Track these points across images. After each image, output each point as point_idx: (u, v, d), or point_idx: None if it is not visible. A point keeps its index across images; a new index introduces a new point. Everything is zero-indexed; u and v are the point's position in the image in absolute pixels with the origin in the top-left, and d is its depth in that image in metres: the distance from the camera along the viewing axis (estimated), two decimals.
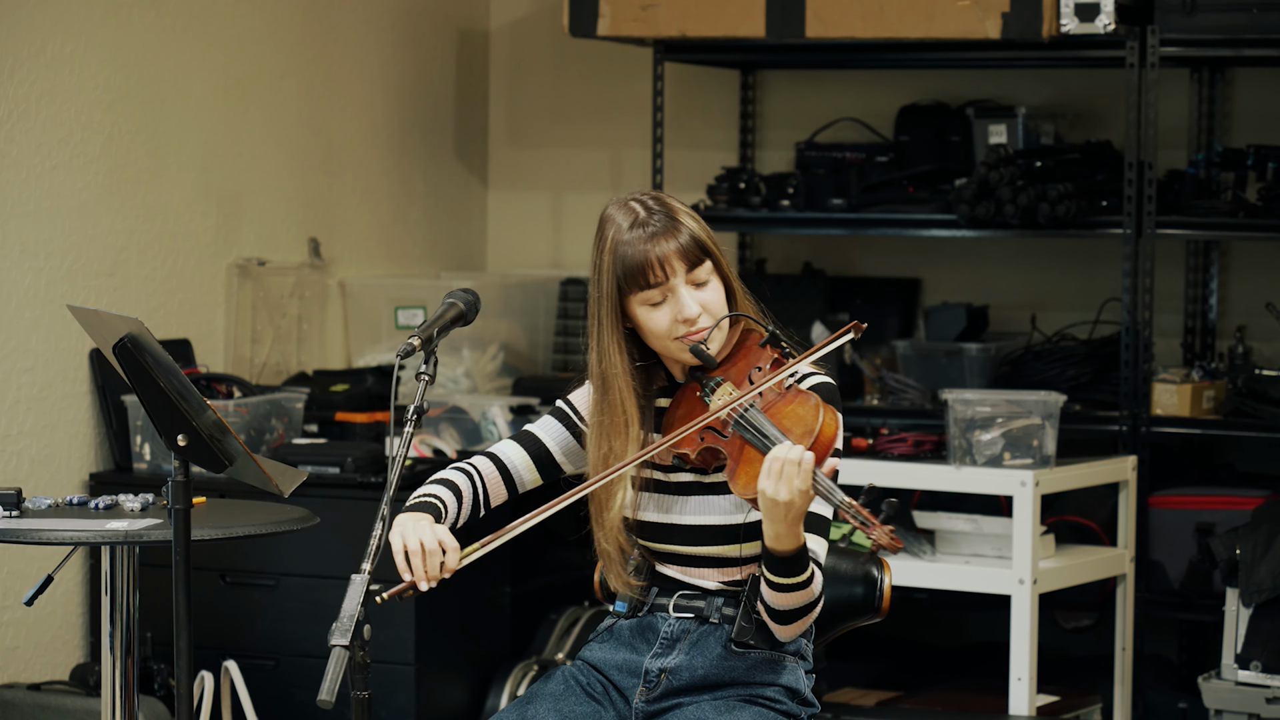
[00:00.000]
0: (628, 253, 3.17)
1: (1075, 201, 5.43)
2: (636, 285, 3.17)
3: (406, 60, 6.40)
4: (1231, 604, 5.04)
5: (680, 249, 3.17)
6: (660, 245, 3.16)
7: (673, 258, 3.16)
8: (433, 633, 5.14)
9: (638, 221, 3.18)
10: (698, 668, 3.20)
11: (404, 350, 3.09)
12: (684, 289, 3.17)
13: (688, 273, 3.17)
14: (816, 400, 3.09)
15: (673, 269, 3.16)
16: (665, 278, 3.16)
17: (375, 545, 2.96)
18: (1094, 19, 5.26)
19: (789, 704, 3.20)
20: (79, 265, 5.22)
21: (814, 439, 3.03)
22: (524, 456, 3.35)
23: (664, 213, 3.19)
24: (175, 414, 3.43)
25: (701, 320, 3.18)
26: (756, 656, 3.20)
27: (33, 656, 5.14)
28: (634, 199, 3.22)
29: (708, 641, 3.21)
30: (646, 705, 3.22)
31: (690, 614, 3.23)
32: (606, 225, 3.21)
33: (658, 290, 3.17)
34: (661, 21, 5.64)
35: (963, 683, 5.56)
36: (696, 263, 3.18)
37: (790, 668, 3.22)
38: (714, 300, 3.20)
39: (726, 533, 3.20)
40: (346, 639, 2.83)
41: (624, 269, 3.17)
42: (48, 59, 5.12)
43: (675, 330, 3.18)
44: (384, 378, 5.67)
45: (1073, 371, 5.59)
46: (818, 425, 3.04)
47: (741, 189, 5.91)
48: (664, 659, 3.22)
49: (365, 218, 6.26)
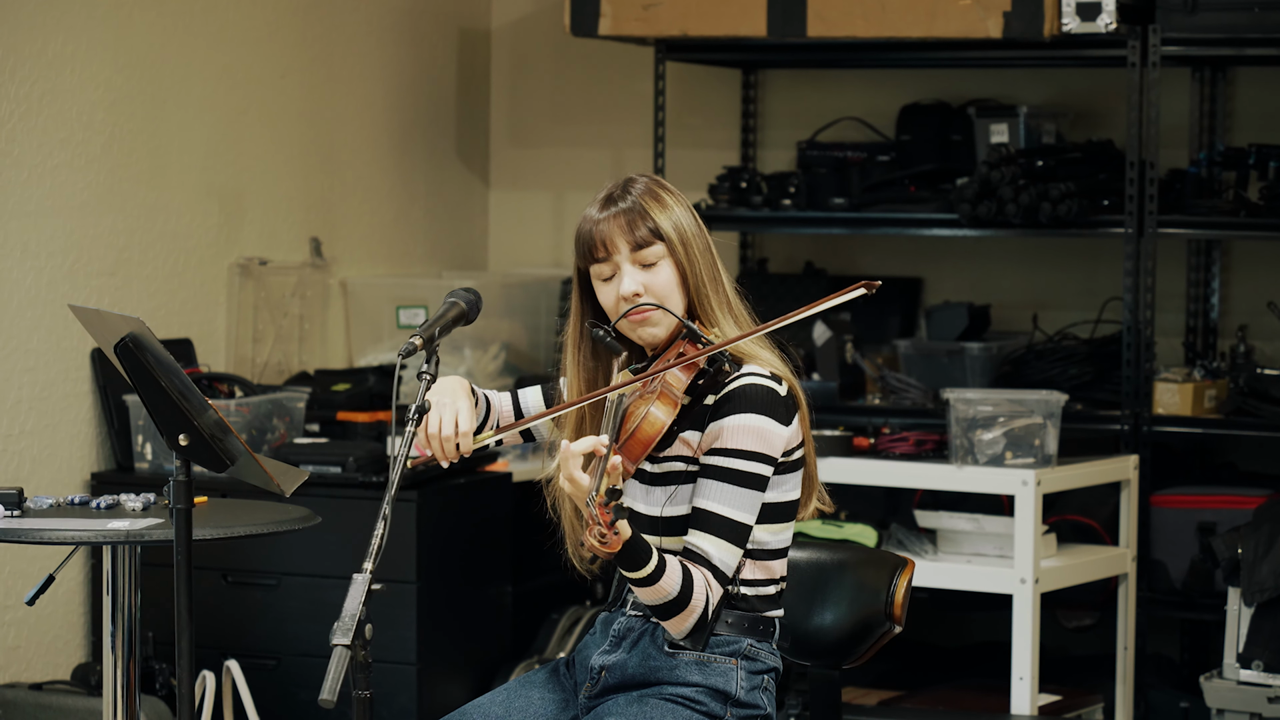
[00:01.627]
0: (583, 228, 3.26)
1: (1077, 201, 5.43)
2: (585, 259, 3.25)
3: (408, 60, 6.40)
4: (1233, 603, 5.04)
5: (627, 227, 3.21)
6: (611, 222, 3.22)
7: (617, 235, 3.21)
8: (434, 632, 5.14)
9: (607, 198, 3.25)
10: (630, 666, 3.22)
11: (406, 350, 3.09)
12: (627, 266, 3.21)
13: (632, 251, 3.21)
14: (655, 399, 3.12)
15: (615, 246, 3.21)
16: (608, 254, 3.22)
17: (377, 545, 2.96)
18: (1095, 18, 5.26)
19: (710, 704, 3.18)
20: (80, 265, 5.22)
21: (629, 435, 3.10)
22: (539, 401, 3.41)
23: (633, 194, 3.23)
24: (177, 413, 3.43)
25: (644, 300, 3.21)
26: (686, 657, 3.19)
27: (34, 656, 5.14)
28: (625, 178, 3.28)
29: (645, 641, 3.22)
30: (588, 700, 3.25)
31: (639, 612, 3.25)
32: None
33: (607, 265, 3.22)
34: (663, 21, 5.64)
35: (964, 682, 5.55)
36: (644, 244, 3.21)
37: (720, 669, 3.20)
38: (659, 284, 3.22)
39: (649, 523, 3.22)
40: (348, 638, 2.83)
41: (579, 242, 3.25)
42: (49, 59, 5.12)
43: (620, 307, 3.22)
44: (385, 377, 5.67)
45: (1074, 371, 5.59)
46: (636, 422, 3.10)
47: (743, 188, 5.91)
48: (607, 656, 3.25)
49: (367, 217, 6.26)
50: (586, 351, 3.29)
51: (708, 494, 3.14)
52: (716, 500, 3.13)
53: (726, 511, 3.13)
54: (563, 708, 3.25)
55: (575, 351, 3.30)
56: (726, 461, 3.14)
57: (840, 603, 3.48)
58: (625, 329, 3.24)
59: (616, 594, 3.30)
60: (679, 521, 3.20)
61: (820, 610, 3.49)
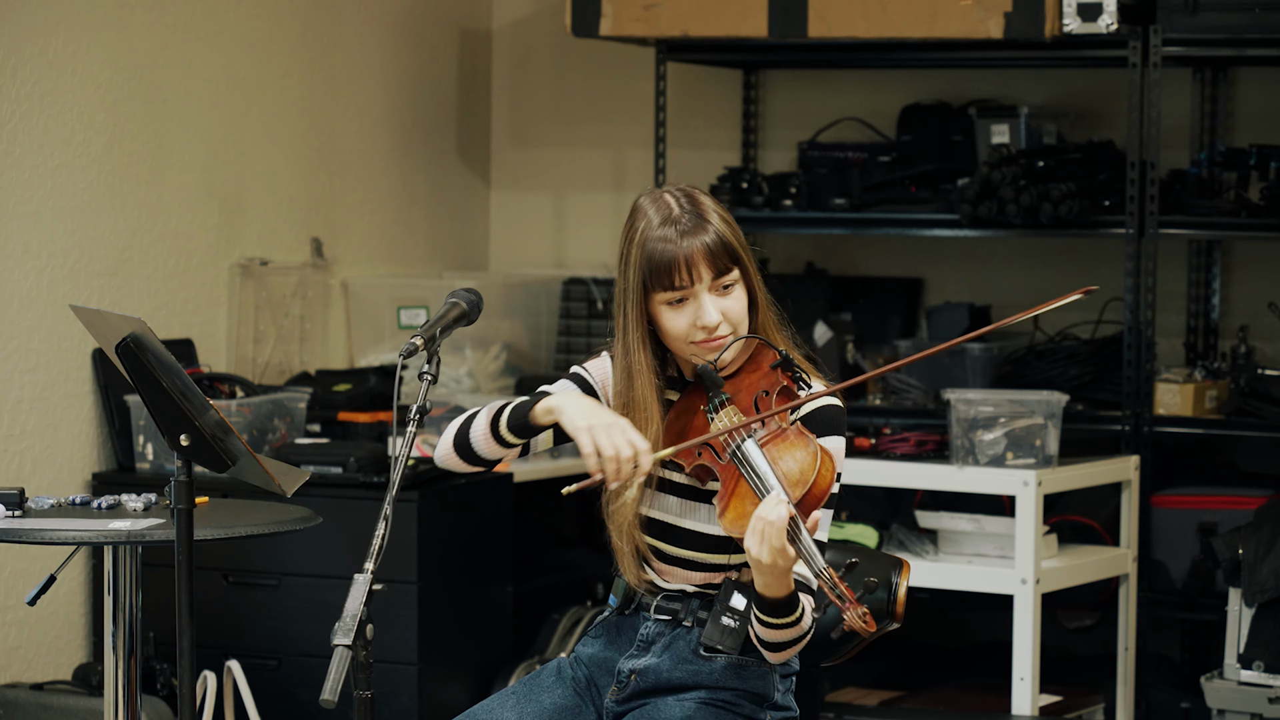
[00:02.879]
0: (656, 250, 3.11)
1: (1077, 201, 5.43)
2: (661, 285, 3.11)
3: (409, 60, 6.40)
4: (1234, 604, 5.04)
5: (709, 253, 3.10)
6: (690, 245, 3.10)
7: (700, 262, 3.10)
8: (435, 633, 5.14)
9: (669, 218, 3.12)
10: (664, 670, 3.19)
11: (407, 350, 3.08)
12: (706, 295, 3.12)
13: (714, 279, 3.12)
14: (817, 447, 3.02)
15: (699, 274, 3.11)
16: (690, 281, 3.11)
17: (378, 545, 2.96)
18: (1096, 19, 5.26)
19: (749, 707, 3.18)
20: (81, 265, 5.22)
21: (807, 490, 2.97)
22: None
23: (695, 212, 3.13)
24: (178, 414, 3.43)
25: (721, 329, 3.13)
26: (724, 661, 3.18)
27: (35, 656, 5.14)
28: (669, 192, 3.17)
29: (679, 645, 3.20)
30: (616, 705, 3.22)
31: (667, 616, 3.22)
32: (638, 217, 3.16)
33: (681, 291, 3.11)
34: (664, 21, 5.64)
35: (965, 682, 5.55)
36: (724, 270, 3.12)
37: (758, 672, 3.19)
38: (736, 310, 3.14)
39: (719, 542, 3.17)
40: (349, 639, 2.83)
41: (650, 266, 3.11)
42: (50, 59, 5.12)
43: (693, 335, 3.13)
44: (386, 377, 5.67)
45: (1075, 371, 5.59)
46: (813, 476, 2.98)
47: (744, 188, 5.91)
48: (637, 660, 3.22)
49: (367, 217, 6.26)
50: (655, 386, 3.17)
51: None
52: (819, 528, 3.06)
53: (823, 536, 3.10)
54: (576, 713, 3.23)
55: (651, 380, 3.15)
56: None
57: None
58: (689, 353, 3.16)
59: (628, 597, 3.28)
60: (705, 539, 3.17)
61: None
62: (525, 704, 3.22)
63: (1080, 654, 5.78)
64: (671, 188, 3.19)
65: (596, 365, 3.29)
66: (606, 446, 3.01)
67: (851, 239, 6.26)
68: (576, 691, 3.25)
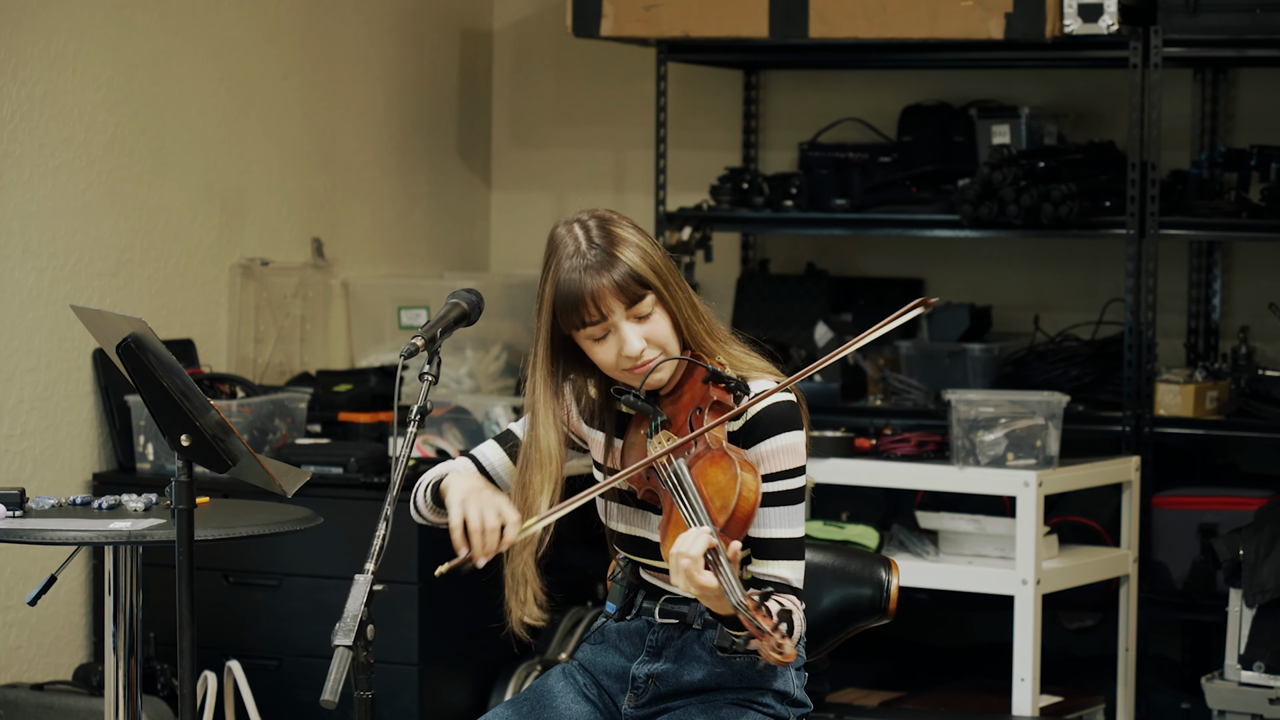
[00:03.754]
0: (564, 289, 3.06)
1: (1078, 202, 5.43)
2: (573, 324, 3.08)
3: (409, 60, 6.40)
4: (1235, 605, 5.04)
5: (616, 286, 3.04)
6: (595, 281, 3.04)
7: (608, 296, 3.04)
8: (436, 633, 5.15)
9: (577, 252, 3.06)
10: (684, 673, 3.18)
11: (408, 350, 3.08)
12: (625, 325, 3.07)
13: (627, 309, 3.07)
14: (737, 465, 2.98)
15: (608, 307, 3.06)
16: (602, 316, 3.06)
17: (379, 545, 2.96)
18: (1097, 19, 5.26)
19: (778, 707, 3.18)
20: (82, 265, 5.22)
21: (729, 515, 2.95)
22: (503, 457, 3.28)
23: (603, 245, 3.05)
24: (179, 414, 3.43)
25: (645, 354, 3.09)
26: (744, 661, 3.17)
27: (36, 656, 5.14)
28: (579, 222, 3.10)
29: (693, 647, 3.19)
30: (635, 711, 3.20)
31: (675, 619, 3.21)
32: (552, 251, 3.11)
33: (598, 327, 3.08)
34: (664, 22, 5.64)
35: (966, 683, 5.55)
36: (636, 299, 3.06)
37: (779, 670, 3.19)
38: (659, 332, 3.09)
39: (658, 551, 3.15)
40: (350, 639, 2.83)
41: (561, 305, 3.07)
42: (51, 59, 5.12)
43: (622, 364, 3.10)
44: (387, 378, 5.67)
45: (1076, 372, 5.59)
46: (734, 500, 2.95)
47: (745, 189, 5.91)
48: (651, 665, 3.20)
49: (368, 218, 6.26)
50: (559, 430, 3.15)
51: (769, 521, 3.08)
52: (778, 525, 3.08)
53: (790, 533, 3.09)
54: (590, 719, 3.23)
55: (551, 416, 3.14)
56: (777, 485, 3.08)
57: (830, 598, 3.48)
58: (628, 380, 3.13)
59: (627, 602, 3.27)
60: None
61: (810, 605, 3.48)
62: (540, 711, 3.21)
63: (1081, 655, 5.78)
64: (585, 216, 3.12)
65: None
66: (474, 518, 3.02)
67: (852, 239, 6.26)
68: (588, 698, 3.24)
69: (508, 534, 3.03)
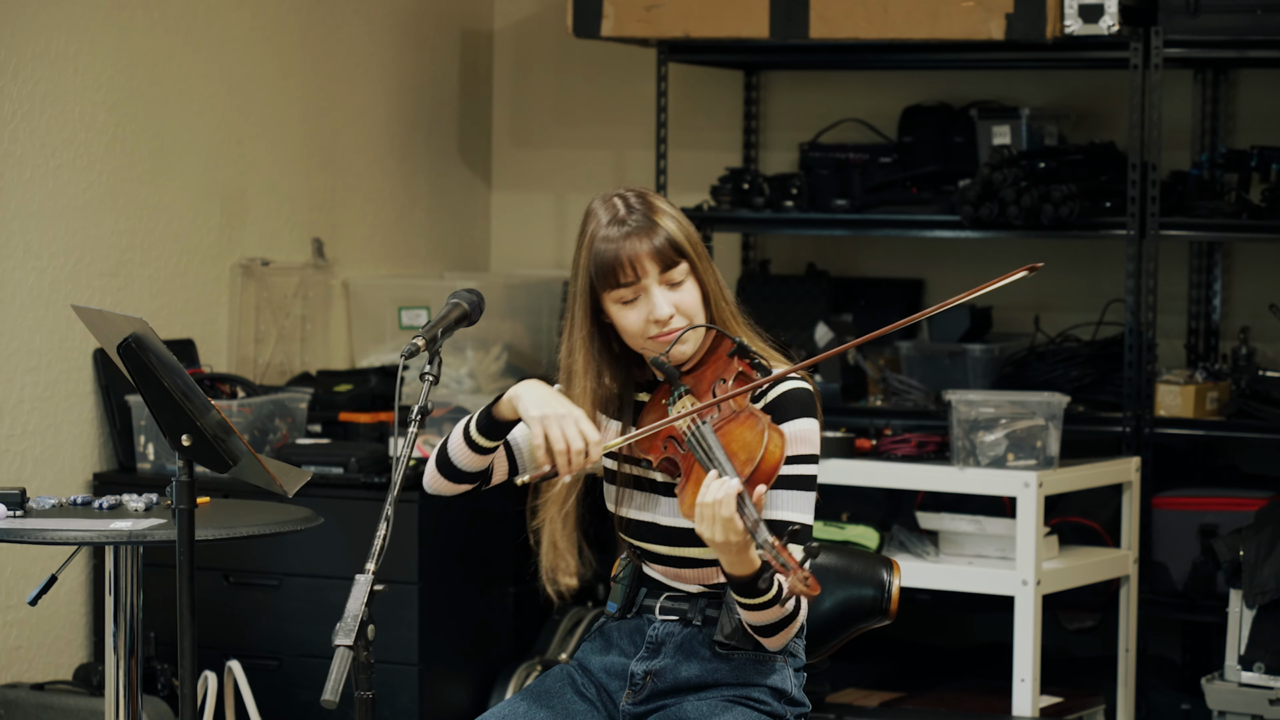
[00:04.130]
0: (602, 250, 3.16)
1: (1079, 202, 5.43)
2: (608, 284, 3.16)
3: (410, 60, 6.40)
4: (1235, 605, 5.04)
5: (654, 249, 3.14)
6: (633, 244, 3.14)
7: (645, 258, 3.14)
8: (436, 633, 5.15)
9: (615, 219, 3.17)
10: (682, 670, 3.19)
11: (408, 350, 3.09)
12: (656, 289, 3.15)
13: (661, 273, 3.15)
14: (765, 424, 3.05)
15: (644, 269, 3.14)
16: (636, 277, 3.14)
17: (379, 545, 2.96)
18: (1098, 20, 5.26)
19: (775, 704, 3.19)
20: (83, 265, 5.22)
21: (755, 466, 3.00)
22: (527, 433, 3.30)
23: (643, 211, 3.17)
24: (179, 414, 3.43)
25: (674, 321, 3.16)
26: (741, 658, 3.18)
27: (36, 656, 5.14)
28: (618, 195, 3.21)
29: (692, 644, 3.20)
30: (633, 708, 3.21)
31: (675, 616, 3.23)
32: (588, 220, 3.22)
33: (630, 289, 3.15)
34: (665, 22, 5.64)
35: (966, 684, 5.55)
36: (670, 264, 3.15)
37: (777, 668, 3.20)
38: (688, 302, 3.17)
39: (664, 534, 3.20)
40: (350, 639, 2.83)
41: (597, 266, 3.16)
42: (51, 59, 5.12)
43: (647, 330, 3.16)
44: (387, 378, 5.67)
45: (1076, 372, 5.59)
46: (760, 452, 3.00)
47: (745, 189, 5.91)
48: (649, 662, 3.22)
49: (369, 218, 6.27)
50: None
51: (780, 504, 3.11)
52: (789, 509, 3.11)
53: (799, 517, 3.12)
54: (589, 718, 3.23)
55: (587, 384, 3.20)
56: (791, 469, 3.12)
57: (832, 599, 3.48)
58: (650, 349, 3.19)
59: (628, 601, 3.28)
60: (680, 533, 3.19)
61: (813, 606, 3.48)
62: (537, 711, 3.21)
63: (1081, 655, 5.78)
64: (624, 190, 3.23)
65: None
66: (557, 438, 3.06)
67: (853, 240, 6.26)
68: (587, 698, 3.24)
69: (592, 453, 3.07)
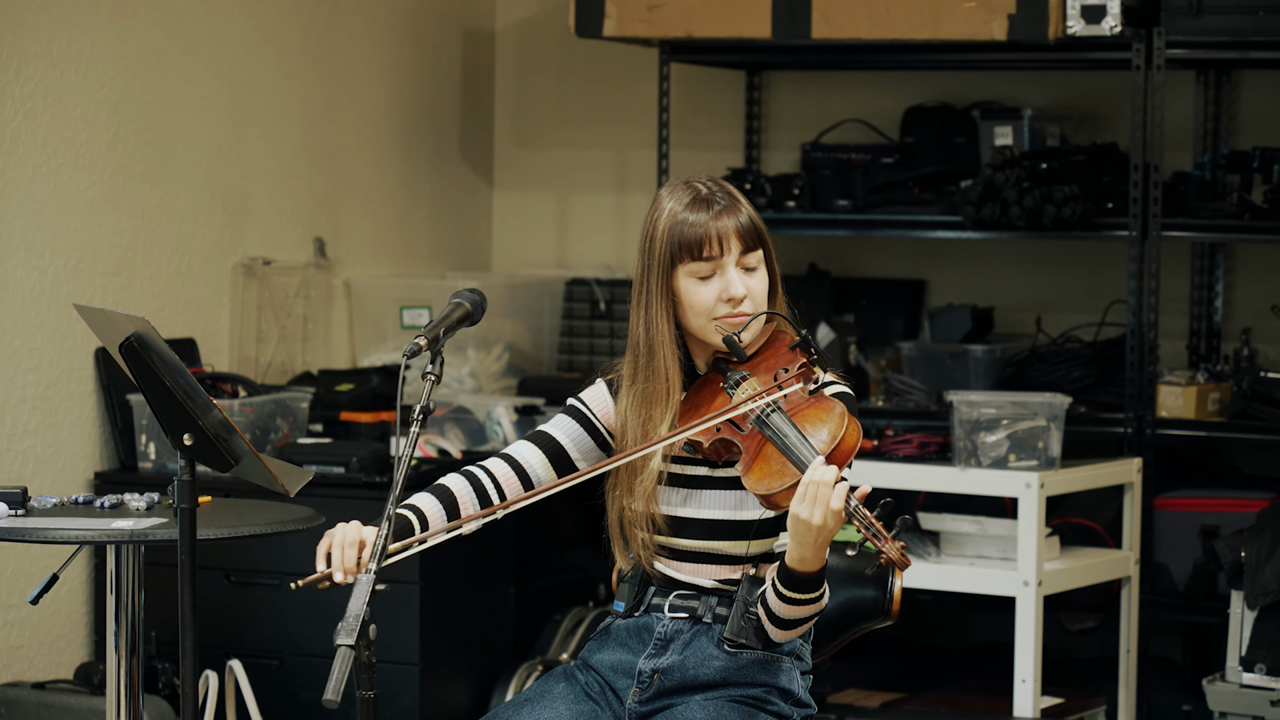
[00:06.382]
0: (688, 220, 3.20)
1: (1081, 203, 5.43)
2: (690, 255, 3.19)
3: (412, 60, 6.40)
4: (1236, 606, 5.04)
5: (739, 228, 3.20)
6: (722, 221, 3.20)
7: (731, 235, 3.20)
8: (437, 633, 5.15)
9: (700, 198, 3.22)
10: (689, 668, 3.20)
11: (410, 350, 3.09)
12: (734, 269, 3.20)
13: (741, 254, 3.20)
14: (842, 409, 3.10)
15: (728, 246, 3.19)
16: (720, 253, 3.19)
17: (381, 545, 2.96)
18: (1100, 21, 5.26)
19: (781, 705, 3.19)
20: (84, 264, 5.22)
21: (835, 445, 3.04)
22: (540, 456, 3.34)
23: (726, 194, 3.23)
24: (181, 413, 3.43)
25: (745, 305, 3.20)
26: (749, 657, 3.19)
27: (37, 655, 5.14)
28: (697, 180, 3.26)
29: (700, 641, 3.21)
30: (639, 706, 3.22)
31: (685, 614, 3.23)
32: (664, 199, 3.25)
33: (709, 264, 3.19)
34: (667, 22, 5.64)
35: (967, 684, 5.55)
36: (751, 247, 3.21)
37: (784, 668, 3.21)
38: (759, 289, 3.23)
39: (737, 528, 3.20)
40: (352, 639, 2.84)
41: (681, 238, 3.20)
42: (53, 58, 5.12)
43: (717, 309, 3.20)
44: (389, 377, 5.67)
45: (1078, 373, 5.59)
46: (841, 432, 3.06)
47: (747, 190, 5.91)
48: (657, 659, 3.22)
49: (370, 217, 6.27)
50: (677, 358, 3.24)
51: None
52: None
53: None
54: (592, 718, 3.23)
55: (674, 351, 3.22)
56: None
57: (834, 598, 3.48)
58: (709, 331, 3.22)
59: (636, 600, 3.28)
60: (719, 525, 3.20)
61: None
62: (540, 709, 3.21)
63: (1082, 656, 5.78)
64: (700, 175, 3.28)
65: (592, 394, 3.34)
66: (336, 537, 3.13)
67: (854, 240, 6.26)
68: (590, 697, 3.24)
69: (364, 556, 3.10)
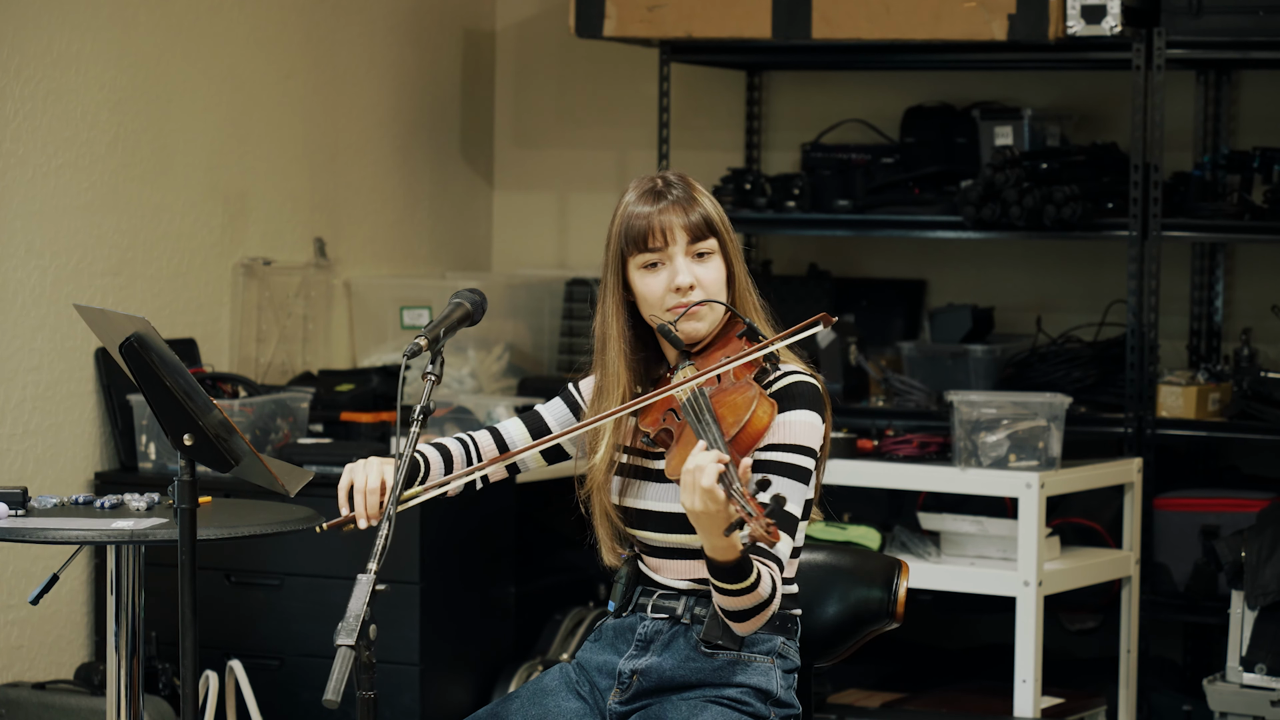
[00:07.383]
0: (635, 213, 3.22)
1: (1081, 203, 5.43)
2: (636, 247, 3.21)
3: (412, 61, 6.40)
4: (1236, 606, 5.04)
5: (686, 220, 3.20)
6: (667, 213, 3.20)
7: (676, 226, 3.20)
8: (437, 633, 5.15)
9: (653, 190, 3.23)
10: (666, 669, 3.20)
11: (410, 350, 3.09)
12: (681, 258, 3.20)
13: (689, 244, 3.20)
14: (756, 391, 3.09)
15: (673, 236, 3.20)
16: (665, 243, 3.20)
17: (381, 545, 2.96)
18: (1100, 21, 5.26)
19: (756, 705, 3.18)
20: (85, 264, 5.22)
21: (739, 429, 3.03)
22: (524, 434, 3.37)
23: (681, 187, 3.23)
24: (181, 413, 3.43)
25: (694, 294, 3.19)
26: (725, 657, 3.18)
27: (38, 655, 5.14)
28: (657, 175, 3.28)
29: (678, 642, 3.21)
30: (619, 706, 3.23)
31: (665, 614, 3.24)
32: (624, 195, 3.27)
33: (655, 254, 3.20)
34: (667, 22, 5.64)
35: (967, 685, 5.55)
36: (700, 236, 3.21)
37: (761, 668, 3.20)
38: (710, 278, 3.22)
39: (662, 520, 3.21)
40: (352, 639, 2.83)
41: (628, 230, 3.21)
42: (54, 58, 5.12)
43: (667, 300, 3.20)
44: (389, 378, 5.67)
45: (1078, 373, 5.59)
46: (748, 415, 3.04)
47: (747, 190, 5.91)
48: (637, 660, 3.23)
49: (371, 218, 6.27)
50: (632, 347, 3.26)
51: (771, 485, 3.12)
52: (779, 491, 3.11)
53: (789, 506, 3.12)
54: (582, 718, 3.24)
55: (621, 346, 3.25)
56: (785, 456, 3.14)
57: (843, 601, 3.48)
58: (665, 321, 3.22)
59: (625, 599, 3.29)
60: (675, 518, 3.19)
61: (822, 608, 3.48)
62: (531, 707, 3.22)
63: (1082, 656, 5.78)
64: (669, 171, 3.30)
65: (587, 382, 3.37)
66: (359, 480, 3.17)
67: (854, 241, 6.26)
68: (581, 697, 3.25)
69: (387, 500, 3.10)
